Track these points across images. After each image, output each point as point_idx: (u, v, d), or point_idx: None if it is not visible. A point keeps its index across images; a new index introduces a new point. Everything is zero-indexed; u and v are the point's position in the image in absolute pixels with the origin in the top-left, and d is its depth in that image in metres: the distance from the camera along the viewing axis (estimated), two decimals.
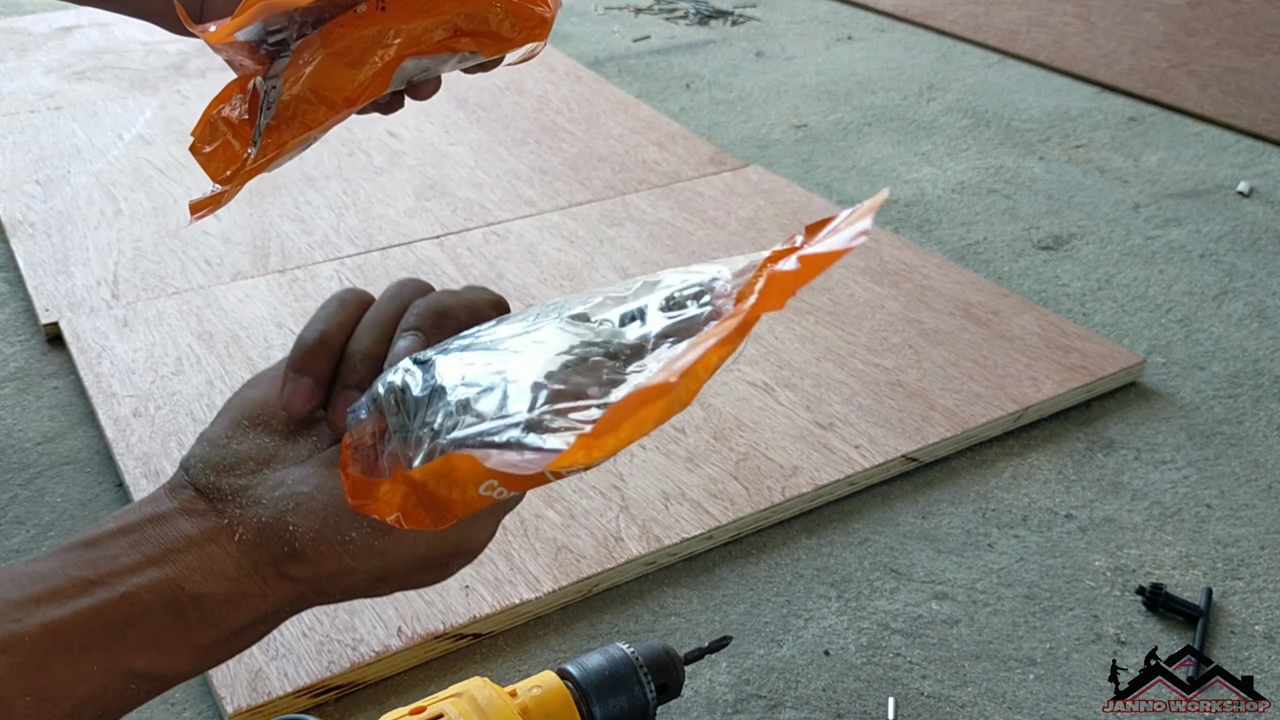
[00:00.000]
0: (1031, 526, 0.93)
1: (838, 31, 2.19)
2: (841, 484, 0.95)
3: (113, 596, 0.37)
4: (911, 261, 1.29)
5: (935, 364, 1.10)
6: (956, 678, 0.80)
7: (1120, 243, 1.40)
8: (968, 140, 1.69)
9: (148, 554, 0.38)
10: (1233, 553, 0.91)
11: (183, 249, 1.32)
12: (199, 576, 0.38)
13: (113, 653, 0.37)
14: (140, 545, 0.38)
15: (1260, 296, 1.28)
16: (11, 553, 0.90)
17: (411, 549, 0.40)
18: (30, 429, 1.05)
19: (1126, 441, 1.03)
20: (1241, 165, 1.60)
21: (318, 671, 0.77)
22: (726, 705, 0.77)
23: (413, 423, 0.38)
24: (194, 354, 1.12)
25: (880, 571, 0.89)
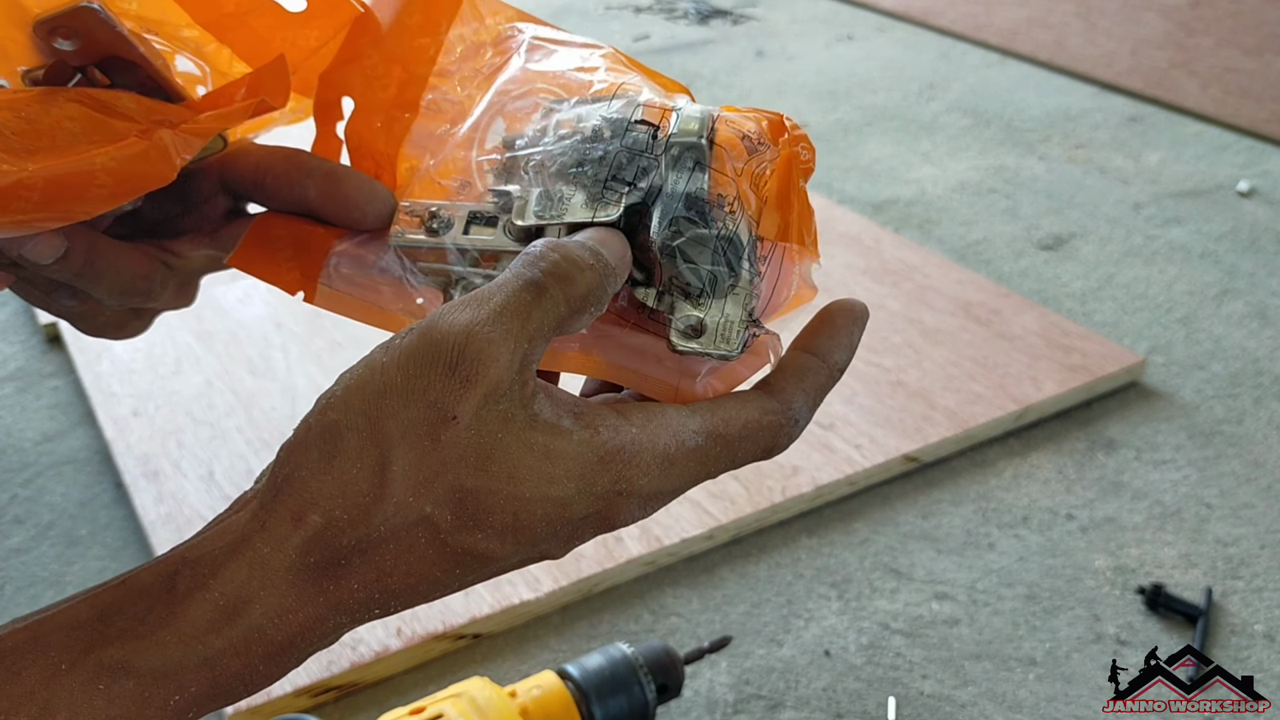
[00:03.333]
0: (1032, 526, 0.93)
1: (838, 31, 2.19)
2: (842, 484, 0.95)
3: (115, 582, 0.32)
4: (912, 261, 1.29)
5: (936, 364, 1.10)
6: (957, 678, 0.80)
7: (1121, 242, 1.40)
8: (968, 140, 1.69)
9: (182, 550, 0.32)
10: (1233, 553, 0.91)
11: None
12: (201, 544, 0.32)
13: (86, 643, 0.30)
14: (181, 546, 0.33)
15: (1260, 296, 1.28)
16: (11, 552, 0.90)
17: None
18: (30, 428, 1.05)
19: (1127, 441, 1.03)
20: (1241, 165, 1.60)
21: (317, 671, 0.77)
22: (726, 705, 0.77)
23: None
24: (193, 354, 1.12)
25: (881, 571, 0.89)
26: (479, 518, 0.31)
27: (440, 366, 0.30)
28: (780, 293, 0.37)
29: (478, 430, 0.30)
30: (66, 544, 0.91)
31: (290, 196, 0.40)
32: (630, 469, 0.32)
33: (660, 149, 0.35)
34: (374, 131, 0.40)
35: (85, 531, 0.92)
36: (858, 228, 1.36)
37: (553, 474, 0.31)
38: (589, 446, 0.31)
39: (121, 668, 0.30)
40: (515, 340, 0.31)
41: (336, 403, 0.31)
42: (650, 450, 0.32)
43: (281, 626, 0.31)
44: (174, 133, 0.34)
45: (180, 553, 0.32)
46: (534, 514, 0.31)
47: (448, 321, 0.30)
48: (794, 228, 0.36)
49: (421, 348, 0.30)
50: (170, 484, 0.94)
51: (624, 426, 0.32)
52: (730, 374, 0.36)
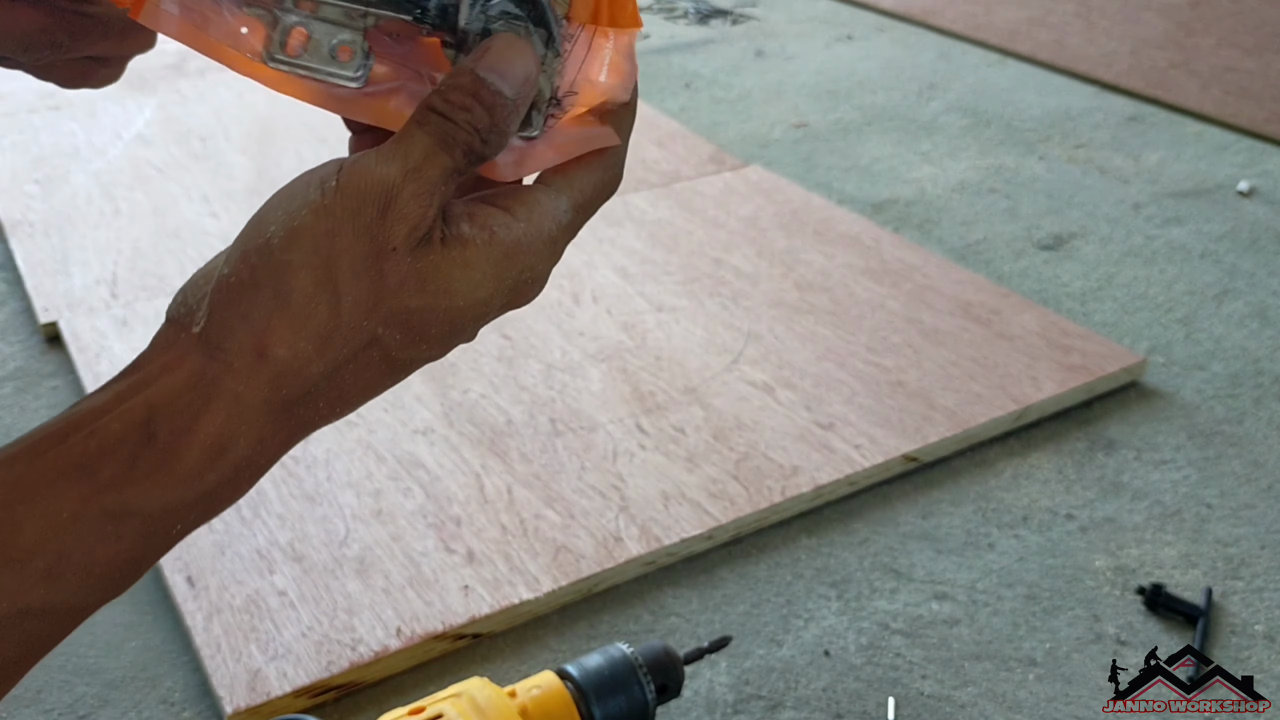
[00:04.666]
0: (1032, 526, 0.93)
1: (838, 31, 2.19)
2: (842, 484, 0.95)
3: (81, 436, 0.34)
4: (912, 261, 1.29)
5: (935, 364, 1.10)
6: (957, 678, 0.80)
7: (1121, 242, 1.40)
8: (968, 140, 1.69)
9: (119, 392, 0.35)
10: (1233, 553, 0.91)
11: (182, 249, 1.32)
12: (167, 390, 0.34)
13: (83, 493, 0.33)
14: (113, 388, 0.35)
15: (1260, 296, 1.28)
16: None
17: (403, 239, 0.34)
18: (29, 429, 1.05)
19: (1127, 441, 1.03)
20: (1241, 165, 1.60)
21: (317, 672, 0.77)
22: (726, 706, 0.77)
23: None
24: None
25: (880, 572, 0.89)
26: (422, 331, 0.35)
27: (378, 207, 0.34)
28: (591, 69, 0.38)
29: (414, 259, 0.34)
30: None
31: None
32: (529, 257, 0.36)
33: None
34: None
35: None
36: (857, 228, 1.36)
37: (475, 279, 0.35)
38: (493, 248, 0.36)
39: (126, 512, 0.33)
40: (435, 186, 0.35)
41: (282, 243, 0.34)
42: (539, 237, 0.37)
43: (263, 452, 0.35)
44: None
45: (143, 400, 0.34)
46: (465, 318, 0.36)
47: (381, 171, 0.34)
48: (604, 11, 0.38)
49: (361, 190, 0.34)
50: None
51: (513, 223, 0.36)
52: (540, 155, 0.38)
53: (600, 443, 0.99)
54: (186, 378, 0.34)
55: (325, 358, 0.34)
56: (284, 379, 0.34)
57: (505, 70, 0.35)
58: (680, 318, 1.18)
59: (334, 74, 0.37)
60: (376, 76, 0.38)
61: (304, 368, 0.34)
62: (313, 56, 0.37)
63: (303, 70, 0.37)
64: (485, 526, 0.89)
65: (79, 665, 0.81)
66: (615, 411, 1.03)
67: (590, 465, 0.96)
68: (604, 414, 1.03)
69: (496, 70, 0.35)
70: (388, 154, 0.35)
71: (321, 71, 0.37)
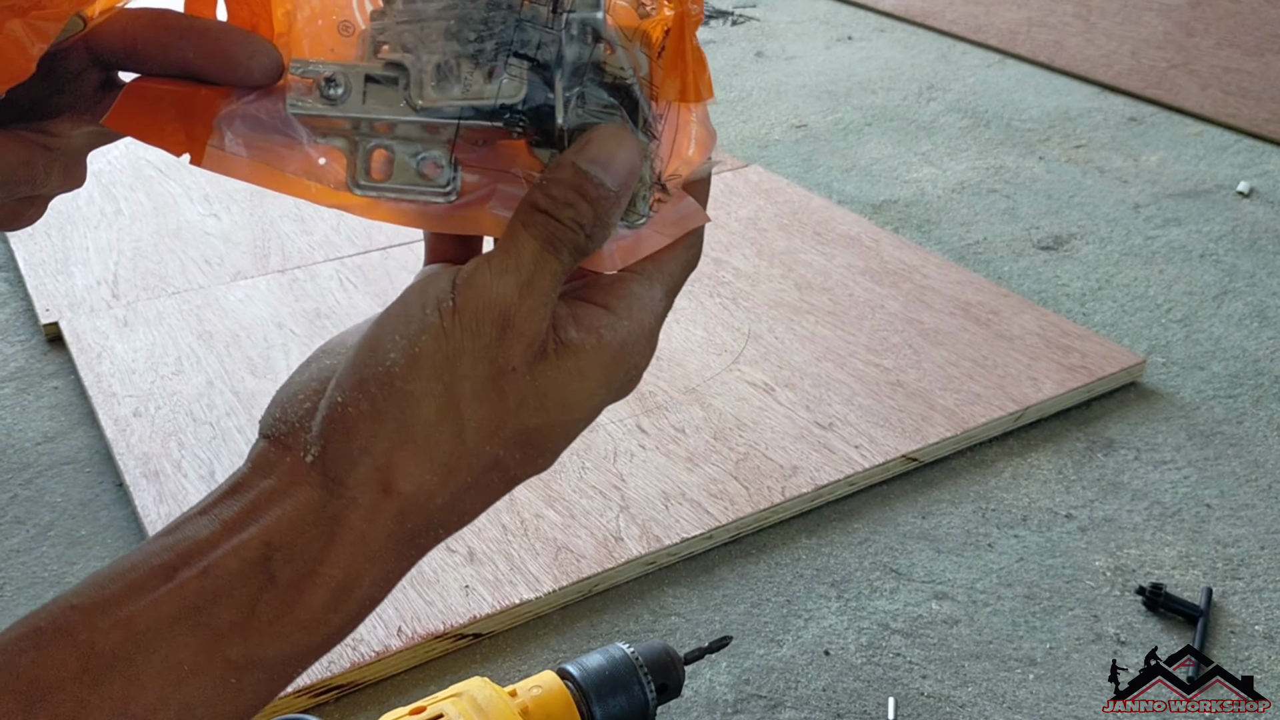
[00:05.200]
0: (1031, 526, 0.93)
1: (838, 31, 2.19)
2: (841, 484, 0.95)
3: (193, 574, 0.31)
4: (911, 261, 1.29)
5: (935, 364, 1.10)
6: (956, 678, 0.80)
7: (1120, 243, 1.40)
8: (968, 140, 1.69)
9: (227, 521, 0.33)
10: (1233, 553, 0.91)
11: (183, 249, 1.32)
12: (284, 524, 0.32)
13: (203, 642, 0.31)
14: (220, 516, 0.33)
15: (1260, 296, 1.28)
16: (11, 552, 0.90)
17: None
18: (30, 429, 1.05)
19: (1126, 441, 1.03)
20: (1241, 165, 1.60)
21: (317, 671, 0.77)
22: (726, 705, 0.77)
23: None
24: (194, 354, 1.12)
25: (880, 571, 0.89)
26: (541, 448, 0.35)
27: (496, 327, 0.33)
28: (681, 146, 0.37)
29: (532, 377, 0.34)
30: (67, 544, 0.91)
31: (166, 61, 0.38)
32: (634, 356, 0.36)
33: (560, 24, 0.35)
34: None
35: (86, 532, 0.92)
36: (857, 228, 1.37)
37: (589, 388, 0.35)
38: (603, 352, 0.35)
39: (250, 662, 0.32)
40: (547, 295, 0.34)
41: (404, 372, 0.33)
42: (640, 333, 0.36)
43: (385, 587, 0.34)
44: (24, 23, 0.32)
45: (259, 535, 0.32)
46: (578, 427, 0.36)
47: (496, 289, 0.33)
48: (690, 87, 0.37)
49: (479, 310, 0.33)
50: (171, 484, 0.94)
51: (618, 322, 0.35)
52: (646, 241, 0.37)
53: (600, 442, 0.99)
54: (305, 512, 0.32)
55: (449, 488, 0.33)
56: (408, 513, 0.33)
57: (608, 162, 0.34)
58: (680, 318, 1.18)
59: (424, 191, 0.36)
60: (466, 186, 0.36)
61: (428, 500, 0.33)
62: (399, 177, 0.36)
63: (391, 193, 0.36)
64: (486, 526, 0.90)
65: None
66: (615, 411, 1.03)
67: (591, 465, 0.96)
68: (604, 414, 1.03)
69: (599, 162, 0.34)
70: (499, 266, 0.33)
71: (411, 191, 0.36)
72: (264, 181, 0.36)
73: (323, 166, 0.36)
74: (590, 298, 0.36)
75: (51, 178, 0.42)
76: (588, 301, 0.36)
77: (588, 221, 0.34)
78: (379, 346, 0.33)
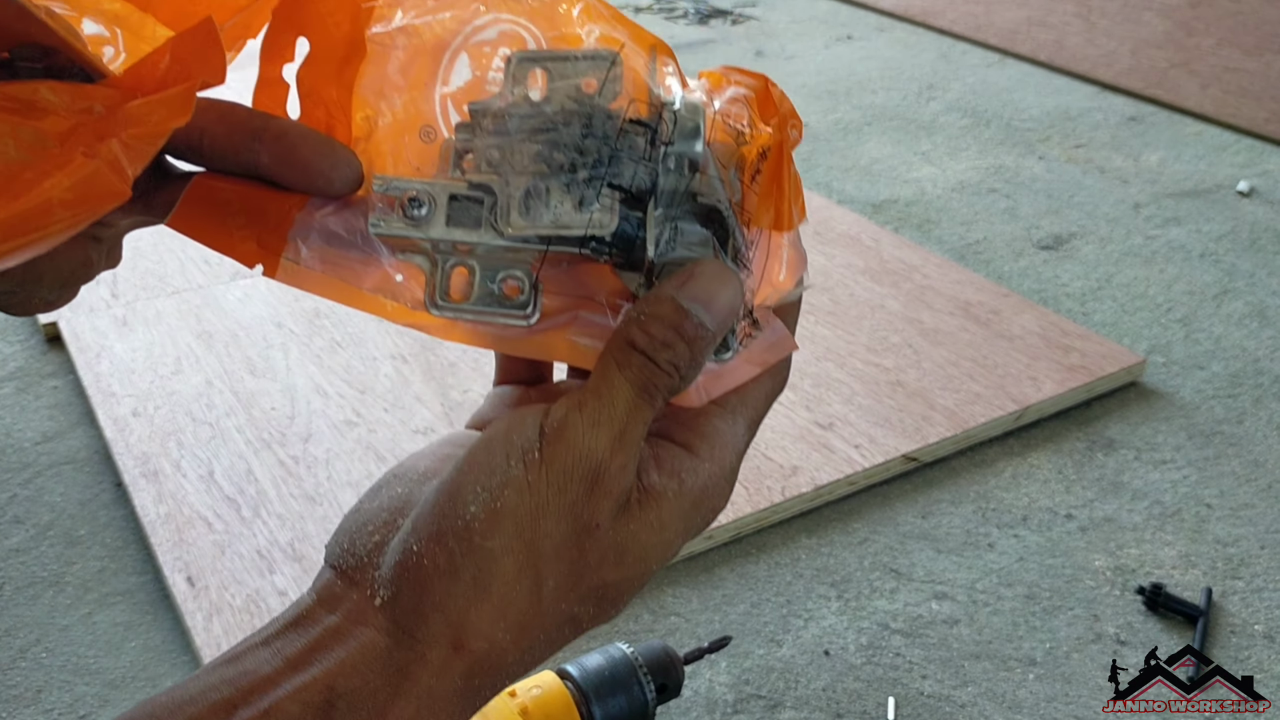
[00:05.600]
0: (1031, 526, 0.93)
1: (838, 31, 2.19)
2: (841, 484, 0.95)
3: (254, 714, 0.30)
4: (911, 261, 1.29)
5: (935, 364, 1.10)
6: (956, 678, 0.80)
7: (1120, 242, 1.40)
8: (968, 140, 1.69)
9: (290, 658, 0.31)
10: (1233, 553, 0.91)
11: (182, 248, 1.32)
12: (349, 668, 0.31)
13: None
14: (282, 651, 0.32)
15: (1260, 296, 1.28)
16: (11, 552, 0.90)
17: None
18: (29, 429, 1.05)
19: (1126, 441, 1.03)
20: (1241, 165, 1.60)
21: None
22: (726, 705, 0.77)
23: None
24: (193, 354, 1.12)
25: (880, 571, 0.89)
26: (615, 601, 0.34)
27: (585, 484, 0.31)
28: (772, 272, 0.36)
29: (614, 531, 0.32)
30: (66, 544, 0.91)
31: (235, 161, 0.35)
32: (714, 499, 0.34)
33: (658, 156, 0.33)
34: (327, 76, 0.36)
35: (85, 531, 0.92)
36: (857, 228, 1.36)
37: (667, 539, 0.33)
38: (683, 500, 0.33)
39: None
40: (638, 446, 0.32)
41: (484, 528, 0.31)
42: (721, 474, 0.34)
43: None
44: (121, 143, 0.31)
45: (323, 678, 0.31)
46: (651, 574, 0.34)
47: (588, 443, 0.31)
48: (786, 214, 0.35)
49: (568, 466, 0.31)
50: (170, 484, 0.94)
51: (700, 465, 0.34)
52: (733, 373, 0.35)
53: None
54: (371, 658, 0.31)
55: (521, 645, 0.32)
56: (478, 670, 0.32)
57: (710, 301, 0.32)
58: None
59: (504, 314, 0.34)
60: (546, 309, 0.35)
61: (500, 658, 0.32)
62: (479, 298, 0.34)
63: (470, 315, 0.34)
64: None
65: (79, 665, 0.81)
66: None
67: None
68: None
69: (701, 300, 0.32)
70: (592, 416, 0.32)
71: (490, 313, 0.34)
72: (338, 297, 0.35)
73: (400, 284, 0.34)
74: (672, 435, 0.34)
75: (99, 267, 0.41)
76: (669, 440, 0.34)
77: (684, 364, 0.32)
78: (459, 497, 0.31)
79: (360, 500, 0.36)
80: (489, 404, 0.41)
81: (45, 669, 0.80)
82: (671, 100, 0.34)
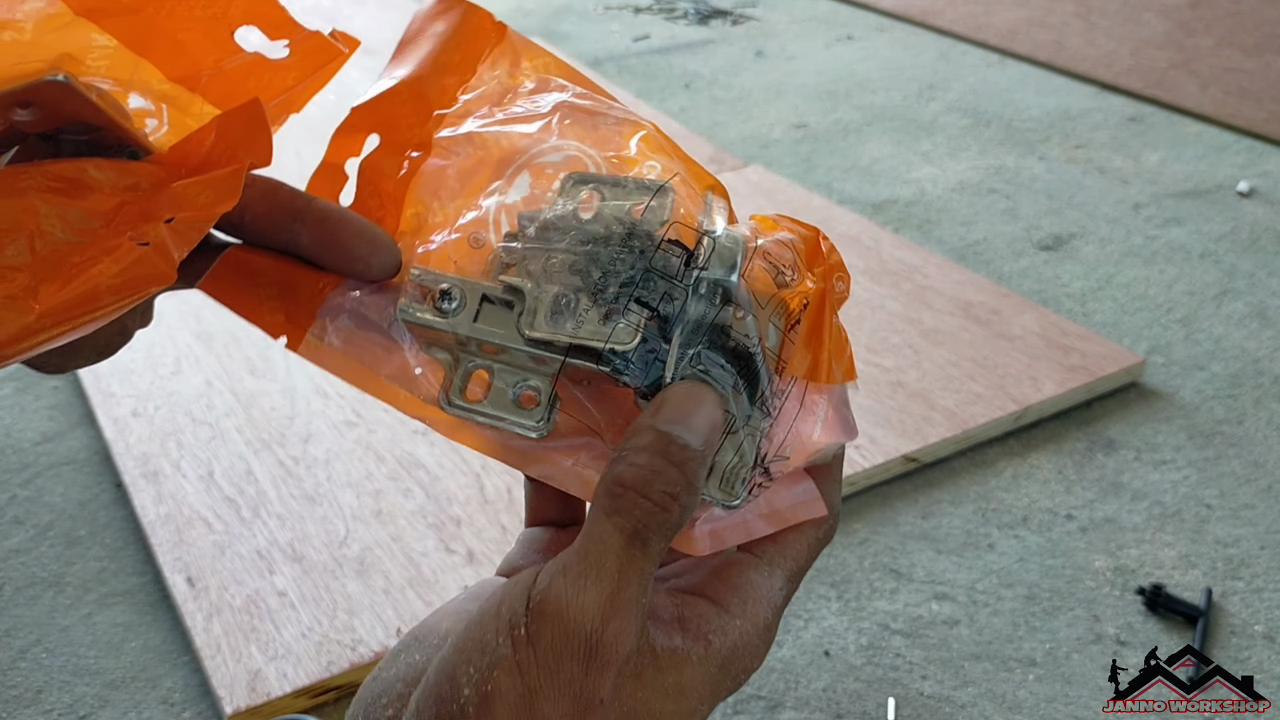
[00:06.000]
0: (1032, 527, 0.93)
1: (838, 31, 2.19)
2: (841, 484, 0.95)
3: None
4: (911, 261, 1.29)
5: (935, 364, 1.10)
6: (957, 678, 0.80)
7: (1120, 242, 1.40)
8: (968, 140, 1.69)
9: None
10: (1233, 553, 0.91)
11: None
12: None
13: None
14: None
15: (1260, 296, 1.28)
16: (11, 552, 0.90)
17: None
18: (29, 429, 1.05)
19: (1127, 442, 1.03)
20: (1241, 165, 1.60)
21: (316, 672, 0.77)
22: (726, 706, 0.77)
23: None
24: (193, 354, 1.11)
25: (880, 572, 0.89)
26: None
27: (578, 660, 0.29)
28: (804, 427, 0.34)
29: (620, 700, 0.30)
30: (66, 544, 0.91)
31: (275, 239, 0.35)
32: (746, 659, 0.32)
33: (690, 279, 0.33)
34: (388, 171, 0.36)
35: (85, 532, 0.92)
36: (857, 228, 1.36)
37: (689, 707, 0.31)
38: (709, 663, 0.31)
39: None
40: (637, 604, 0.30)
41: (478, 713, 0.29)
42: (755, 632, 0.32)
43: None
44: (170, 229, 0.31)
45: None
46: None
47: (575, 606, 0.29)
48: (824, 366, 0.34)
49: (558, 640, 0.29)
50: (170, 484, 0.94)
51: (730, 623, 0.32)
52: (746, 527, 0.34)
53: None
54: None
55: None
56: None
57: (688, 420, 0.31)
58: None
59: (516, 423, 0.33)
60: (559, 427, 0.34)
61: None
62: (493, 402, 0.34)
63: (482, 417, 0.34)
64: (485, 527, 0.89)
65: (79, 665, 0.81)
66: None
67: None
68: None
69: (679, 421, 0.31)
70: (577, 577, 0.29)
71: (503, 420, 0.34)
72: (355, 380, 0.34)
73: (417, 376, 0.34)
74: (699, 589, 0.32)
75: (134, 330, 0.40)
76: (698, 595, 0.32)
77: (679, 490, 0.30)
78: (454, 679, 0.30)
79: (380, 666, 0.35)
80: (519, 548, 0.39)
81: (45, 669, 0.80)
82: (714, 229, 0.34)
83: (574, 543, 0.30)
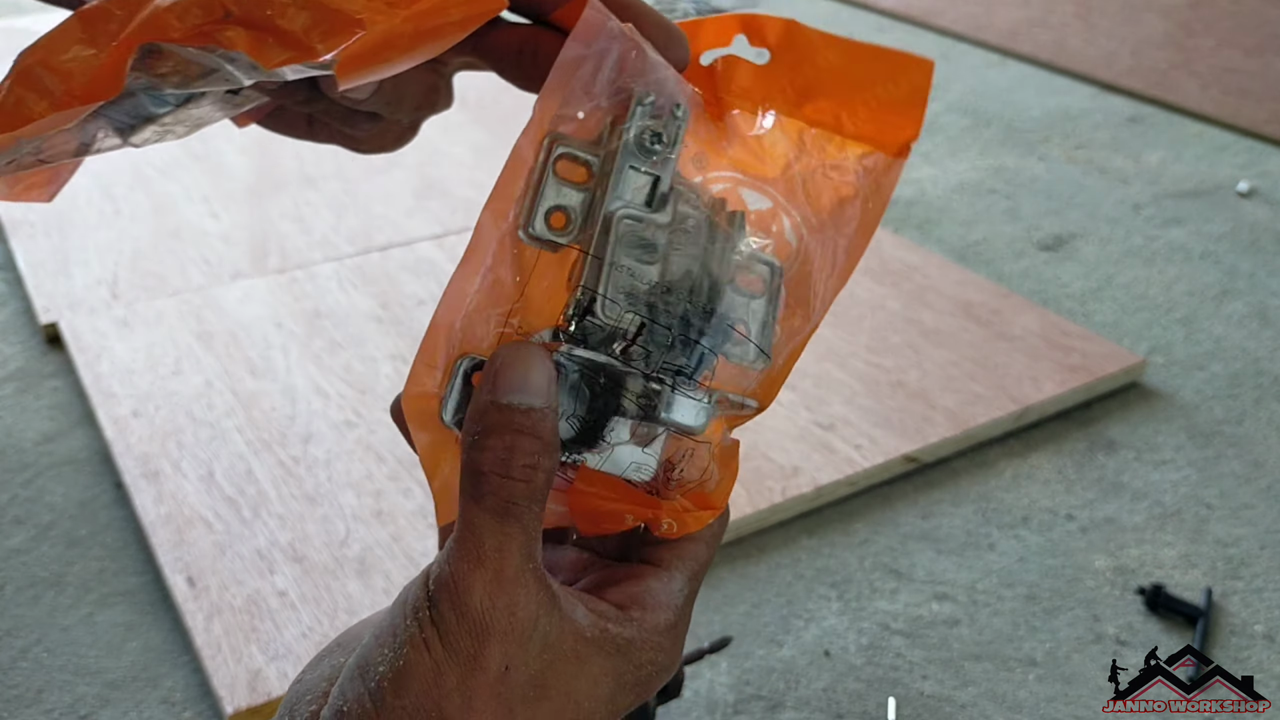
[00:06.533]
0: (1032, 527, 0.93)
1: (838, 31, 2.18)
2: (842, 484, 0.95)
3: None
4: (912, 261, 1.29)
5: (936, 364, 1.10)
6: (957, 678, 0.80)
7: (1121, 243, 1.40)
8: (968, 140, 1.69)
9: None
10: (1233, 553, 0.91)
11: (182, 249, 1.32)
12: None
13: None
14: None
15: (1260, 296, 1.28)
16: (11, 552, 0.90)
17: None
18: (29, 429, 1.05)
19: (1127, 442, 1.03)
20: (1241, 165, 1.60)
21: None
22: (727, 706, 0.77)
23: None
24: (193, 354, 1.11)
25: (881, 572, 0.89)
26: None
27: (474, 635, 0.31)
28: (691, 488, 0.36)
29: (527, 667, 0.31)
30: (66, 544, 0.91)
31: (573, 21, 0.35)
32: (646, 652, 0.34)
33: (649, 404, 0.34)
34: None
35: (85, 532, 0.92)
36: None
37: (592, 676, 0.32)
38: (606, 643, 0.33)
39: None
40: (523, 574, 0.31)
41: (393, 687, 0.31)
42: (655, 630, 0.34)
43: None
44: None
45: None
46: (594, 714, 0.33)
47: (464, 588, 0.31)
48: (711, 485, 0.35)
49: (456, 619, 0.31)
50: (170, 484, 0.94)
51: (627, 622, 0.33)
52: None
53: None
54: None
55: None
56: None
57: (524, 383, 0.32)
58: None
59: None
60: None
61: None
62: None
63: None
64: None
65: (79, 665, 0.81)
66: None
67: None
68: None
69: (517, 389, 0.31)
70: (462, 565, 0.31)
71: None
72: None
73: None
74: (602, 593, 0.34)
75: (442, 100, 0.43)
76: (599, 597, 0.34)
77: (538, 455, 0.31)
78: (370, 661, 0.32)
79: (303, 670, 0.36)
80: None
81: (46, 669, 0.80)
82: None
83: (454, 530, 0.32)
